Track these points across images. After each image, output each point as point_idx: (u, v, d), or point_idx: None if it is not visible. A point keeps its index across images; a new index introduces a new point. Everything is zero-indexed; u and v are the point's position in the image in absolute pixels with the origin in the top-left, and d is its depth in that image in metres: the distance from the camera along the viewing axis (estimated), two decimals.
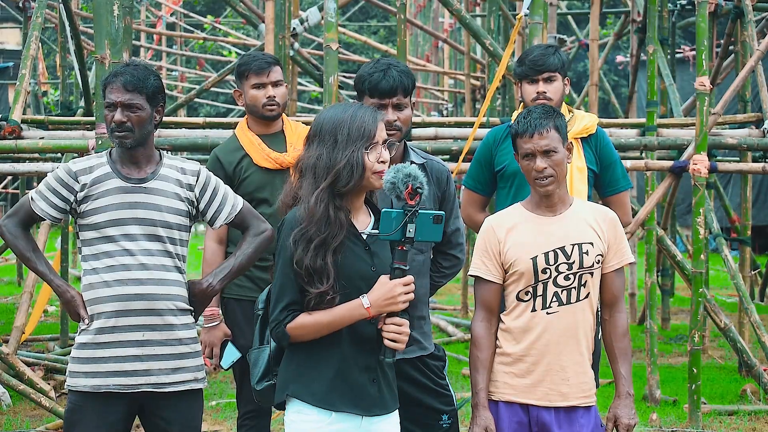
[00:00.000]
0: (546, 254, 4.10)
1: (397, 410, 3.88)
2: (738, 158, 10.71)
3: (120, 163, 4.24)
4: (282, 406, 3.79)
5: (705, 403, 8.01)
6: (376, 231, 3.72)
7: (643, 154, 8.90)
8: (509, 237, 4.15)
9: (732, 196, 17.07)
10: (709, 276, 12.06)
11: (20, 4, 12.47)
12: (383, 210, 3.68)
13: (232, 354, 5.17)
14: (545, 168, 4.10)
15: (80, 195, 4.17)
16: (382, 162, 3.74)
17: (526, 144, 4.13)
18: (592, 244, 4.13)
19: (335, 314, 3.66)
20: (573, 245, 4.11)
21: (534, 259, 4.10)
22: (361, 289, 3.70)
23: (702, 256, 7.65)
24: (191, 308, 4.28)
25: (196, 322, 4.32)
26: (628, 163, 8.05)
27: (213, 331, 5.18)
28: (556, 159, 4.11)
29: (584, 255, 4.11)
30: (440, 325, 12.33)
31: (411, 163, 3.76)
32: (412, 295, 3.72)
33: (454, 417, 4.66)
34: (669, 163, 8.16)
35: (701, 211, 7.59)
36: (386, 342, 3.70)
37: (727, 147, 8.62)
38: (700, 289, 7.65)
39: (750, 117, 9.02)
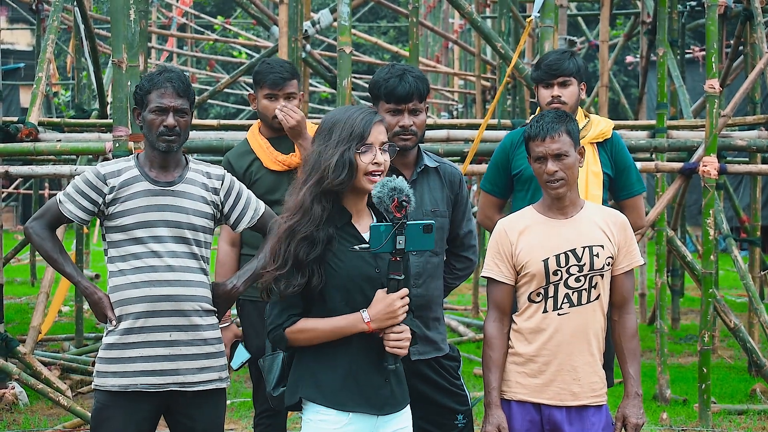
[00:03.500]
0: (557, 256, 4.17)
1: (408, 404, 3.93)
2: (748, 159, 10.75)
3: (148, 166, 4.32)
4: (296, 408, 3.83)
5: (715, 403, 8.06)
6: (367, 246, 3.76)
7: (654, 156, 8.95)
8: (521, 239, 4.22)
9: (743, 197, 17.10)
10: (720, 276, 12.11)
11: (33, 6, 12.55)
12: (371, 225, 3.72)
13: (242, 355, 5.25)
14: (556, 171, 4.18)
15: (109, 197, 4.25)
16: (375, 164, 3.78)
17: (538, 147, 4.21)
18: (602, 246, 4.20)
19: (335, 325, 3.73)
20: (584, 248, 4.18)
21: (545, 261, 4.17)
22: (363, 290, 3.75)
23: (711, 256, 7.71)
24: (215, 309, 4.37)
25: (219, 322, 4.41)
26: (638, 165, 8.09)
27: (224, 332, 5.22)
28: (567, 162, 4.19)
29: (595, 257, 4.18)
30: (452, 325, 12.38)
31: (398, 176, 3.76)
32: (406, 307, 3.76)
33: (468, 416, 4.73)
34: (679, 165, 8.21)
35: (711, 212, 7.65)
36: (388, 350, 3.75)
37: (737, 149, 8.67)
38: (710, 290, 7.72)
39: (760, 119, 9.07)
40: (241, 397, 8.42)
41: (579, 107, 5.46)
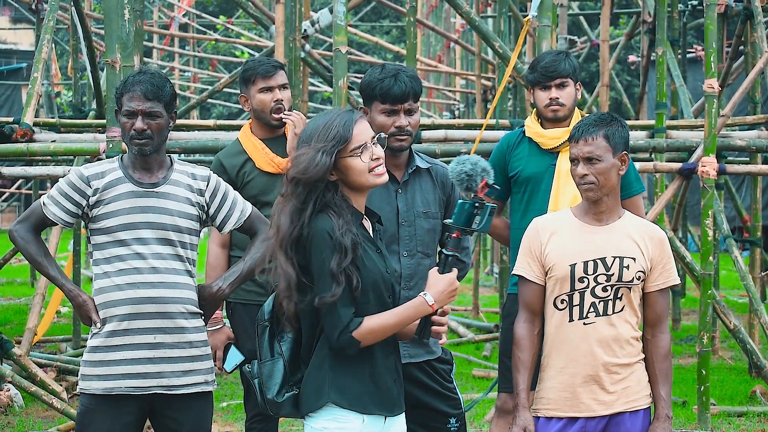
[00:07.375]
0: (585, 263, 4.10)
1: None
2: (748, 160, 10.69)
3: (132, 167, 4.28)
4: (296, 414, 3.79)
5: (714, 405, 8.01)
6: (450, 221, 3.88)
7: (653, 156, 8.90)
8: (552, 240, 4.16)
9: (745, 198, 17.06)
10: (721, 276, 12.03)
11: (33, 6, 12.52)
12: (459, 201, 3.85)
13: (235, 357, 5.20)
14: (585, 175, 4.11)
15: (92, 199, 4.21)
16: (376, 159, 3.75)
17: (572, 149, 4.16)
18: (634, 259, 4.11)
19: (402, 315, 3.72)
20: (614, 257, 4.10)
21: (573, 266, 4.09)
22: (381, 293, 3.74)
23: (711, 257, 7.65)
24: (201, 312, 4.32)
25: (206, 325, 4.37)
26: (637, 165, 8.04)
27: (216, 335, 5.20)
28: (600, 167, 4.10)
29: (624, 269, 4.09)
30: (451, 326, 12.31)
31: (463, 153, 3.83)
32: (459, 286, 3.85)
33: (461, 420, 4.68)
34: (677, 165, 8.15)
35: (710, 212, 7.60)
36: (435, 329, 3.79)
37: (737, 149, 8.61)
38: (709, 291, 7.66)
39: (760, 118, 9.01)
40: (237, 399, 8.37)
41: (576, 108, 5.41)
